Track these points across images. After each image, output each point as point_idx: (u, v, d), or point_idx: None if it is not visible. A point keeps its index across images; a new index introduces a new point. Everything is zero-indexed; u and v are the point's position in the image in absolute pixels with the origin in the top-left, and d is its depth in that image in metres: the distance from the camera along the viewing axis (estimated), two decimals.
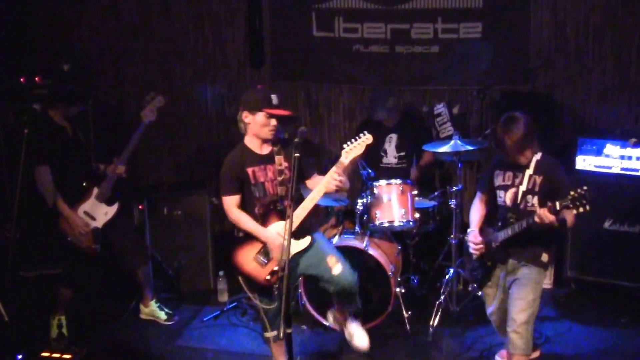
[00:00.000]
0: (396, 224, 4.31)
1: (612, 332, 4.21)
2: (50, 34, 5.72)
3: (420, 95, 5.25)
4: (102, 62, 5.74)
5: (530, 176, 3.43)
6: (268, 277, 3.36)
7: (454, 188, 4.40)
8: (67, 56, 5.44)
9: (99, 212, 4.10)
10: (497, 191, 3.57)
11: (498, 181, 3.57)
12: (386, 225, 4.32)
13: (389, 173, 4.70)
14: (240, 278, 3.46)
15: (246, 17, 5.46)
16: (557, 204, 3.17)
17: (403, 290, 4.40)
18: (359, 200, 4.44)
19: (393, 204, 4.30)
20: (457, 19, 5.02)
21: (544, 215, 3.20)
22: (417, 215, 4.36)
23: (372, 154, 4.92)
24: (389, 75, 5.22)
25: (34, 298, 4.78)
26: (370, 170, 4.56)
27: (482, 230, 3.66)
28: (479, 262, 3.67)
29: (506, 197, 3.52)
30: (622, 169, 4.51)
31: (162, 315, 4.48)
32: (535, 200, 3.42)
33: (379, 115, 4.85)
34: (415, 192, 4.42)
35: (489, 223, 3.68)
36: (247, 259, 3.43)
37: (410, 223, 4.31)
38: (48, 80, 4.96)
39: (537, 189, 3.43)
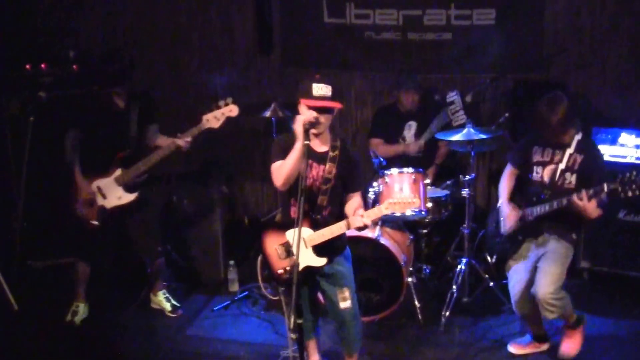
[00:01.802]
0: (408, 213, 4.23)
1: (625, 323, 4.18)
2: (55, 23, 5.65)
3: (433, 82, 5.18)
4: (108, 51, 5.66)
5: (571, 155, 3.51)
6: (281, 272, 3.28)
7: (467, 177, 4.36)
8: (72, 44, 5.40)
9: (112, 194, 4.05)
10: (534, 167, 3.63)
11: (536, 157, 3.63)
12: (398, 214, 4.26)
13: (405, 162, 4.63)
14: (259, 258, 3.39)
15: (255, 3, 5.38)
16: (605, 185, 3.23)
17: (415, 280, 4.39)
18: (370, 189, 4.40)
19: (405, 193, 4.24)
20: (470, 5, 4.95)
21: (587, 206, 3.30)
22: (429, 204, 4.32)
23: (391, 142, 4.86)
24: (401, 63, 5.15)
25: (43, 288, 4.77)
26: (382, 159, 4.51)
27: (512, 203, 3.72)
28: (509, 235, 3.71)
29: (544, 174, 3.58)
30: (637, 158, 4.46)
31: (168, 307, 4.45)
32: (574, 178, 3.50)
33: (407, 86, 4.74)
34: (428, 181, 4.38)
35: (516, 196, 3.76)
36: (272, 243, 3.33)
37: (423, 212, 4.26)
38: (54, 68, 4.96)
39: (576, 167, 3.51)
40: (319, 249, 3.23)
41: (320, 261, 3.24)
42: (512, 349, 3.90)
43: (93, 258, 4.30)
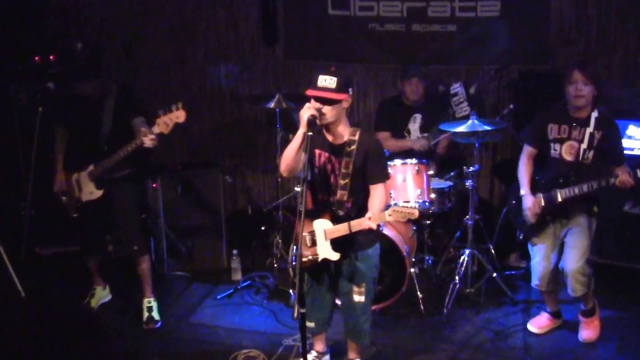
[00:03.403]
0: (411, 204, 4.26)
1: (630, 316, 4.17)
2: (62, 14, 5.69)
3: (437, 74, 5.17)
4: (114, 42, 5.70)
5: (591, 133, 3.58)
6: (305, 259, 3.26)
7: (471, 169, 4.35)
8: (78, 36, 5.43)
9: (85, 188, 4.09)
10: (552, 144, 3.68)
11: (552, 134, 3.67)
12: (401, 205, 4.27)
13: (409, 153, 4.62)
14: (291, 246, 3.44)
15: None
16: None
17: (417, 271, 4.40)
18: None
19: (408, 184, 4.25)
20: None
21: (627, 181, 3.40)
22: (432, 195, 4.32)
23: (395, 135, 4.84)
24: (405, 54, 5.12)
25: (50, 275, 4.82)
26: (385, 150, 4.49)
27: (533, 188, 3.75)
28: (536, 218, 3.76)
29: (562, 150, 3.63)
30: None
31: (145, 315, 4.23)
32: (591, 154, 3.58)
33: (411, 73, 4.70)
34: (431, 172, 4.38)
35: (537, 177, 3.80)
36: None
37: (426, 203, 4.27)
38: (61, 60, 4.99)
39: (595, 143, 3.58)
40: (336, 243, 3.24)
41: (334, 255, 3.25)
42: (534, 328, 3.99)
43: (87, 248, 4.35)
